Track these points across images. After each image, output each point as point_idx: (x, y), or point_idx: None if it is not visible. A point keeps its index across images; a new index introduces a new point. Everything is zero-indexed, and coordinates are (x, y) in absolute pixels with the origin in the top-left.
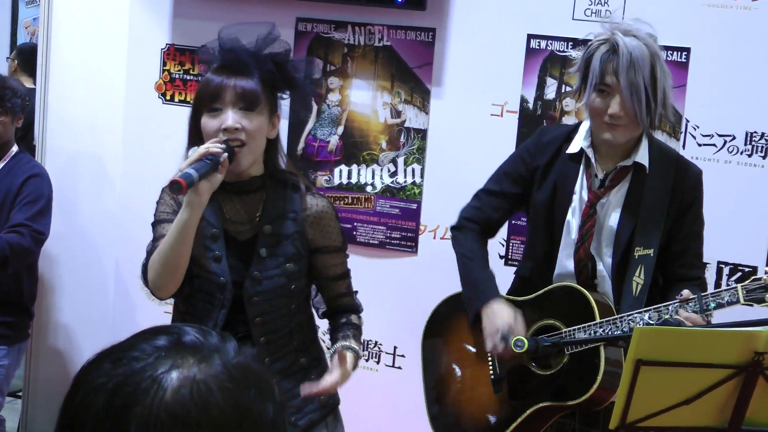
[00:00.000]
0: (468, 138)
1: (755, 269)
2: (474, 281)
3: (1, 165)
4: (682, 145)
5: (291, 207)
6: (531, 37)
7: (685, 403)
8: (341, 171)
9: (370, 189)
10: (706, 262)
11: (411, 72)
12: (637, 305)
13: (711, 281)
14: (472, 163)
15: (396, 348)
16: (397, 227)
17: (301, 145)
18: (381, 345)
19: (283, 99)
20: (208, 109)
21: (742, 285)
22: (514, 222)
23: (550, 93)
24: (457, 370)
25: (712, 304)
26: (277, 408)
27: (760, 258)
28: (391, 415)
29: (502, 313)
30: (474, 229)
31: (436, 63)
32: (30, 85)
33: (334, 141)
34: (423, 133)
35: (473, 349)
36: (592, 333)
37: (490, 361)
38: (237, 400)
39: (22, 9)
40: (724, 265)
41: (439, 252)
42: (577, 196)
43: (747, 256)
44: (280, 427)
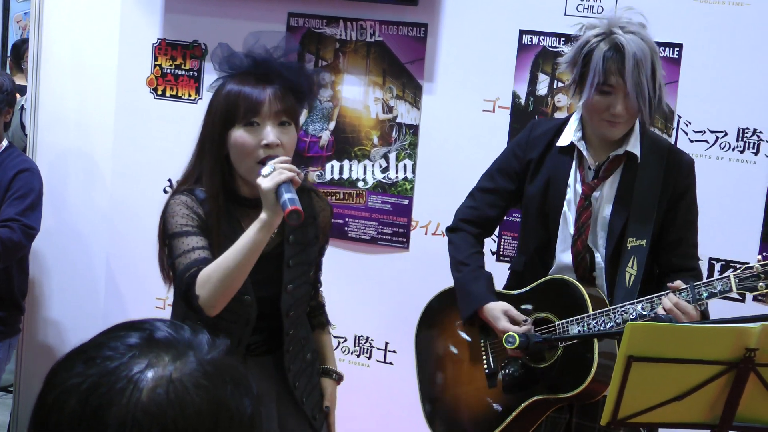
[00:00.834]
0: (460, 134)
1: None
2: (467, 290)
3: None
4: (673, 141)
5: (309, 212)
6: (523, 32)
7: (676, 399)
8: (333, 166)
9: (361, 184)
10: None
11: (403, 67)
12: (630, 296)
13: (703, 277)
14: (464, 159)
15: (387, 344)
16: (388, 223)
17: None
18: (372, 341)
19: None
20: (244, 123)
21: (734, 273)
22: (506, 218)
23: (542, 89)
24: (451, 364)
25: (705, 294)
26: (255, 402)
27: (751, 254)
28: (382, 410)
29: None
30: (470, 231)
31: (428, 58)
32: (22, 82)
33: (326, 136)
34: (415, 129)
35: (467, 343)
36: (585, 325)
37: (483, 354)
38: (213, 397)
39: (13, 3)
40: (716, 261)
41: (430, 248)
42: (572, 189)
43: (739, 252)
44: (258, 422)
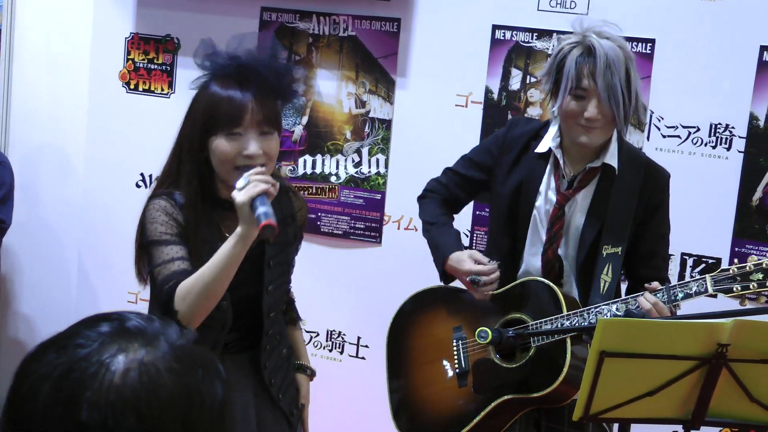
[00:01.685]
0: (433, 128)
1: (719, 261)
2: (435, 244)
3: None
4: (646, 136)
5: (288, 211)
6: (496, 27)
7: (648, 394)
8: (305, 161)
9: (334, 179)
10: (671, 253)
11: (376, 62)
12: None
13: (675, 272)
14: (436, 154)
15: (360, 338)
16: (361, 217)
17: None
18: (344, 335)
19: None
20: (226, 132)
21: (711, 275)
22: (478, 213)
23: (515, 84)
24: (422, 364)
25: (680, 295)
26: (225, 387)
27: (724, 249)
28: (354, 405)
29: (460, 265)
30: (436, 198)
31: (401, 53)
32: None
33: (299, 131)
34: (388, 124)
35: (438, 343)
36: (559, 326)
37: (455, 354)
38: (185, 381)
39: None
40: (688, 257)
41: (403, 242)
42: (542, 196)
43: (711, 247)
44: (228, 406)
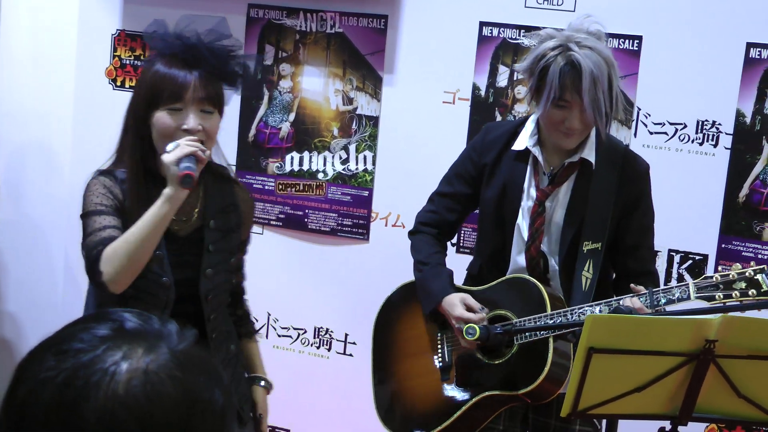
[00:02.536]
0: (420, 125)
1: (706, 257)
2: (428, 288)
3: None
4: (633, 133)
5: (231, 200)
6: (483, 24)
7: (636, 390)
8: (293, 158)
9: (321, 176)
10: (658, 250)
11: (363, 59)
12: (586, 299)
13: (662, 269)
14: (424, 151)
15: (347, 335)
16: (348, 214)
17: (253, 131)
18: (332, 332)
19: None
20: (167, 107)
21: (694, 282)
22: None
23: (502, 80)
24: (406, 356)
25: (663, 300)
26: (226, 394)
27: (710, 246)
28: (341, 401)
29: (452, 310)
30: (429, 232)
31: (388, 50)
32: None
33: (286, 128)
34: (375, 121)
35: (424, 336)
36: (543, 324)
37: (439, 348)
38: (187, 389)
39: None
40: (675, 253)
41: (390, 239)
42: (526, 194)
43: (698, 244)
44: (229, 413)
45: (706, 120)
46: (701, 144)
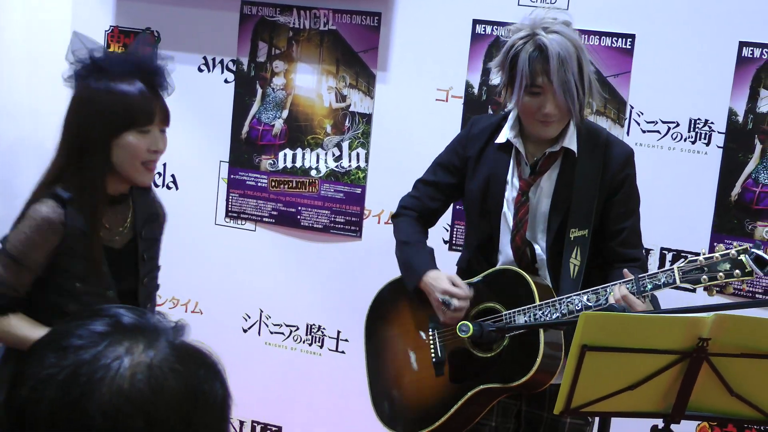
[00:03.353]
0: (413, 123)
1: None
2: (409, 263)
3: None
4: (626, 131)
5: (153, 209)
6: (476, 22)
7: (629, 388)
8: (286, 155)
9: (314, 173)
10: (650, 248)
11: (356, 56)
12: (575, 287)
13: (654, 267)
14: (417, 148)
15: (339, 332)
16: (341, 211)
17: (246, 128)
18: (324, 329)
19: None
20: (138, 129)
21: (678, 266)
22: (458, 207)
23: (496, 78)
24: (399, 353)
25: (649, 286)
26: (224, 386)
27: (703, 244)
28: (333, 398)
29: (437, 283)
30: (412, 215)
31: (381, 47)
32: None
33: (279, 125)
34: (368, 118)
35: (415, 332)
36: (532, 316)
37: (431, 343)
38: (188, 382)
39: None
40: (667, 252)
41: (383, 236)
42: (510, 185)
43: (690, 242)
44: (228, 405)
45: (699, 118)
46: (694, 142)
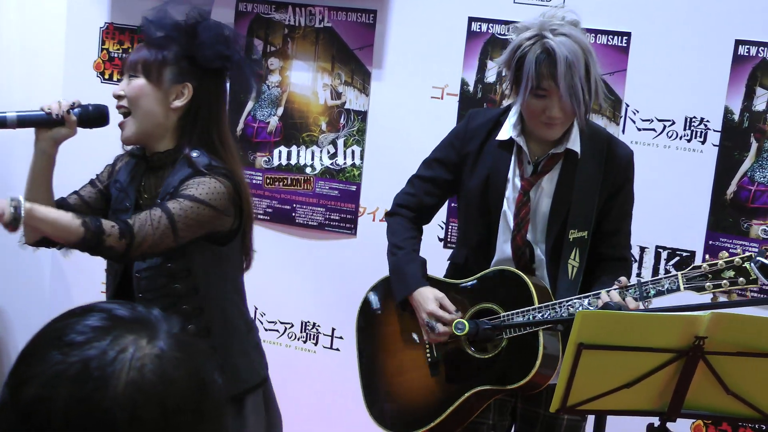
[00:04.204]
0: (408, 120)
1: (693, 254)
2: (402, 272)
3: None
4: (621, 129)
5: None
6: (472, 20)
7: (625, 386)
8: (281, 152)
9: (309, 170)
10: (645, 246)
11: (352, 54)
12: (573, 288)
13: (649, 265)
14: (412, 146)
15: (334, 330)
16: (336, 209)
17: (241, 125)
18: (319, 327)
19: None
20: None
21: (683, 273)
22: (453, 205)
23: (491, 76)
24: (394, 352)
25: (652, 291)
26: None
27: (698, 243)
28: (328, 396)
29: (425, 304)
30: (407, 215)
31: (376, 45)
32: None
33: (274, 122)
34: (363, 115)
35: (409, 332)
36: (531, 318)
37: (426, 344)
38: (192, 371)
39: None
40: (662, 250)
41: (378, 234)
42: (511, 183)
43: (685, 240)
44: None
45: (695, 117)
46: (689, 141)
